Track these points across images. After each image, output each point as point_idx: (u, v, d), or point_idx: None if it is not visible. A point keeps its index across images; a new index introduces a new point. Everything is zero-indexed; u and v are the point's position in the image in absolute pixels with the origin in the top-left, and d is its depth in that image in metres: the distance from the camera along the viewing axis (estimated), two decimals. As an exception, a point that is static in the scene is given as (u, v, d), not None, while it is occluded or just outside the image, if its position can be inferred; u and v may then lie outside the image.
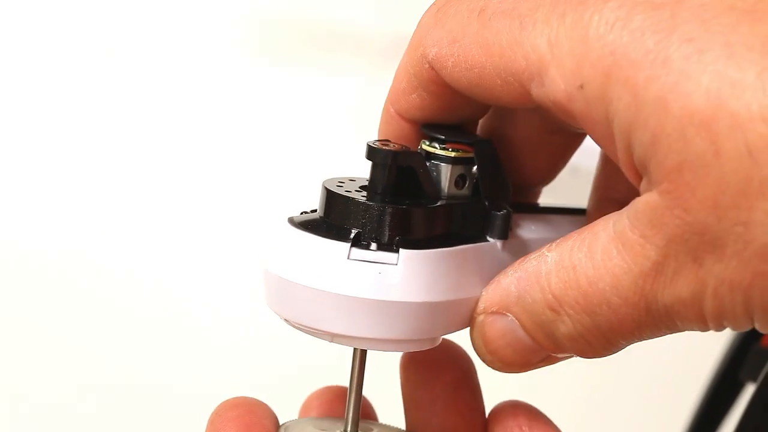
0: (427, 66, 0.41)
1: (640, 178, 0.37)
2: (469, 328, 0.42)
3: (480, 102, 0.42)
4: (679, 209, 0.35)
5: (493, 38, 0.39)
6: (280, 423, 0.44)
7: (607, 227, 0.38)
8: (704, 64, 0.34)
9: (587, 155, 0.48)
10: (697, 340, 0.89)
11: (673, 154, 0.35)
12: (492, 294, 0.41)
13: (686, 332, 0.94)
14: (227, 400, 0.44)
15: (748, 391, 0.67)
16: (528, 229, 0.44)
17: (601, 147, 0.38)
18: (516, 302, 0.40)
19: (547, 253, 0.40)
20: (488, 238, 0.43)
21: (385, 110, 0.44)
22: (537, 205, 0.47)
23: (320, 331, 0.40)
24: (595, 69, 0.36)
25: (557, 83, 0.37)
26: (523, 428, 0.43)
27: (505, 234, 0.43)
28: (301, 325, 0.41)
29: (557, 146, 0.46)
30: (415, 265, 0.40)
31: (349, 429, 0.43)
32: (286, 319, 0.41)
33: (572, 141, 0.46)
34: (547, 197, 0.48)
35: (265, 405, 0.44)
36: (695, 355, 0.78)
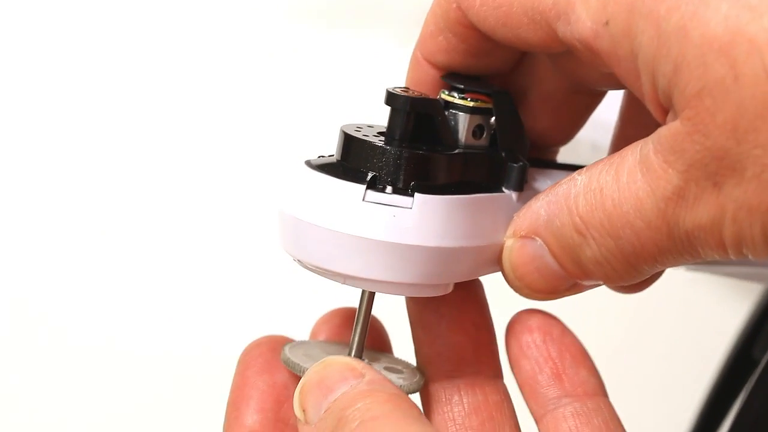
0: (454, 6, 0.42)
1: (665, 113, 0.37)
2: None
3: (506, 46, 0.42)
4: (699, 134, 0.35)
5: None
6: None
7: (634, 152, 0.38)
8: None
9: (608, 132, 0.48)
10: (712, 318, 0.89)
11: (694, 81, 0.35)
12: (522, 218, 0.42)
13: (701, 310, 0.94)
14: (253, 341, 0.45)
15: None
16: (543, 183, 0.44)
17: (627, 85, 0.39)
18: (545, 226, 0.41)
19: (577, 177, 0.40)
20: (503, 189, 0.43)
21: (413, 55, 0.44)
22: (553, 161, 0.48)
23: (332, 272, 0.41)
24: (619, 5, 0.37)
25: (583, 21, 0.38)
26: (537, 343, 0.43)
27: (520, 186, 0.43)
28: (313, 266, 0.41)
29: (578, 105, 0.46)
30: (429, 209, 0.40)
31: (353, 353, 0.43)
32: (299, 260, 0.41)
33: (593, 100, 0.46)
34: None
35: (289, 340, 0.45)
36: (710, 333, 0.77)
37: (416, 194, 0.40)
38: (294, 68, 1.05)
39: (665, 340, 0.93)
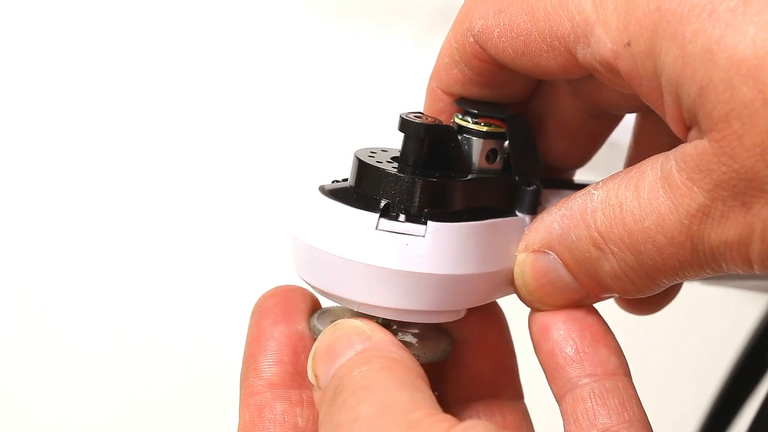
0: (471, 40, 0.41)
1: (687, 131, 0.37)
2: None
3: (523, 76, 0.42)
4: (726, 157, 0.35)
5: (538, 4, 0.40)
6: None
7: (655, 167, 0.38)
8: (750, 15, 0.34)
9: (625, 131, 0.48)
10: (725, 320, 0.88)
11: (721, 104, 0.35)
12: (534, 232, 0.42)
13: (715, 312, 0.94)
14: (267, 292, 0.44)
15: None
16: None
17: (648, 103, 0.39)
18: (559, 240, 0.41)
19: (593, 191, 0.40)
20: (517, 213, 0.43)
21: (429, 86, 0.44)
22: (568, 181, 0.47)
23: (346, 299, 0.41)
24: (641, 25, 0.37)
25: (604, 42, 0.38)
26: (558, 323, 0.42)
27: (533, 209, 0.43)
28: (327, 292, 0.41)
29: (595, 129, 0.46)
30: (442, 237, 0.40)
31: (381, 320, 0.42)
32: (313, 286, 0.42)
33: (609, 124, 0.46)
34: (585, 173, 0.48)
35: (303, 290, 0.44)
36: (723, 334, 0.77)
37: (429, 222, 0.40)
38: (307, 65, 1.04)
39: (676, 339, 0.93)
